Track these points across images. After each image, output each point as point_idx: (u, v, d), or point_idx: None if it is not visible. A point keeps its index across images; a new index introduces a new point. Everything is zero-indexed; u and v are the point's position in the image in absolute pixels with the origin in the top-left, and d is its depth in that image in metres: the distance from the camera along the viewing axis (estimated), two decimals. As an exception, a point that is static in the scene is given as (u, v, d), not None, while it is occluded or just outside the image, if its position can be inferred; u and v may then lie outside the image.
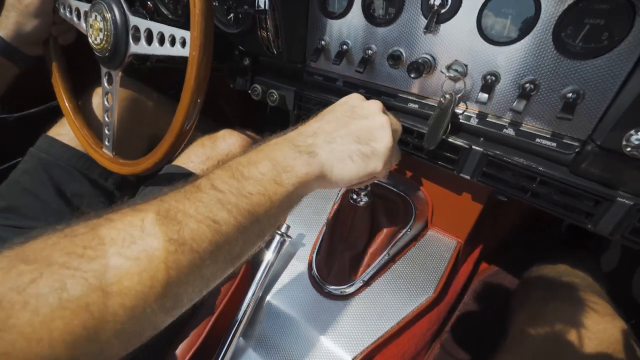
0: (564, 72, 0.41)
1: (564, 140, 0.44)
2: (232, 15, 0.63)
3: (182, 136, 0.48)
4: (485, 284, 0.80)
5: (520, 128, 0.47)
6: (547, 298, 0.54)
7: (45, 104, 0.81)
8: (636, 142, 0.35)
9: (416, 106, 0.54)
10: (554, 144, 0.45)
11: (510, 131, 0.48)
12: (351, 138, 0.38)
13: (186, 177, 0.63)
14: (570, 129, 0.43)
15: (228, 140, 0.66)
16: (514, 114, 0.46)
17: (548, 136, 0.45)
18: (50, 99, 0.81)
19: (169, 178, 0.62)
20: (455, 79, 0.48)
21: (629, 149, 0.35)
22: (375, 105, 0.41)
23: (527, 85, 0.44)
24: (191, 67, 0.42)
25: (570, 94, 0.41)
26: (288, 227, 0.57)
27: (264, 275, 0.54)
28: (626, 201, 0.39)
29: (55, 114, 0.71)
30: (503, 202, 0.65)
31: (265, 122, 1.19)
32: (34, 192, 0.64)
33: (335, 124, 0.39)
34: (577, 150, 0.43)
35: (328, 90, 0.62)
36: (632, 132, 0.35)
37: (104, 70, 0.56)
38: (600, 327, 0.45)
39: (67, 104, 0.65)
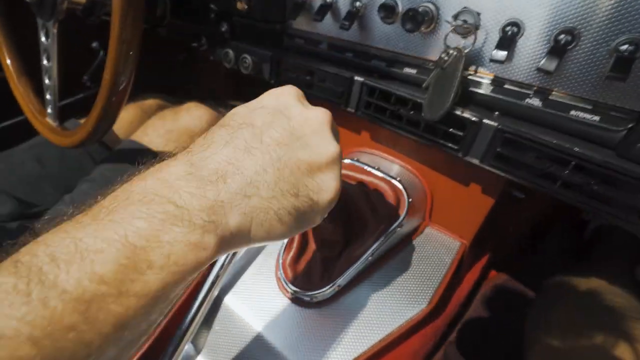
0: (617, 16, 0.29)
1: (612, 113, 0.32)
2: (199, -38, 0.53)
3: (118, 96, 0.39)
4: (493, 295, 0.69)
5: (550, 97, 0.35)
6: (577, 322, 0.42)
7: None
8: None
9: (414, 71, 0.43)
10: (597, 118, 0.33)
11: (535, 101, 0.36)
12: (285, 188, 0.23)
13: (139, 153, 0.55)
14: (621, 96, 0.31)
15: (194, 112, 0.57)
16: (542, 77, 0.35)
17: (589, 107, 0.33)
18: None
19: (121, 154, 0.53)
20: (463, 32, 0.37)
21: None
22: (325, 120, 0.26)
23: (562, 36, 0.32)
24: (116, 10, 0.33)
25: (625, 46, 0.30)
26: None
27: (222, 269, 0.45)
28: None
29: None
30: (520, 199, 0.54)
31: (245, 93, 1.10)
32: None
33: (260, 158, 0.23)
34: (629, 125, 0.31)
35: (311, 55, 0.52)
36: None
37: (39, 22, 0.47)
38: None
39: (10, 67, 0.56)
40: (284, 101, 0.26)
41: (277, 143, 0.24)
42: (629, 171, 0.30)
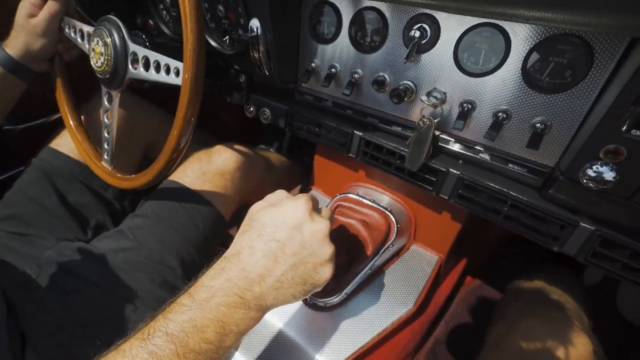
0: (532, 104, 0.44)
1: (534, 167, 0.47)
2: (227, 37, 0.66)
3: (177, 154, 0.51)
4: (469, 297, 0.83)
5: (494, 153, 0.50)
6: (524, 312, 0.56)
7: (47, 116, 0.84)
8: (591, 174, 0.37)
9: (399, 129, 0.57)
10: (525, 170, 0.48)
11: (485, 156, 0.51)
12: (298, 281, 0.37)
13: (181, 192, 0.67)
14: (539, 156, 0.46)
15: (223, 155, 0.69)
16: (489, 140, 0.49)
17: (519, 162, 0.48)
18: (52, 112, 0.85)
19: (166, 192, 0.65)
20: (434, 105, 0.51)
21: (584, 180, 0.38)
22: (325, 231, 0.39)
23: (500, 114, 0.47)
24: (183, 95, 0.45)
25: (539, 124, 0.44)
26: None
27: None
28: (588, 226, 0.42)
29: (57, 126, 0.75)
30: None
31: (262, 132, 1.22)
32: (38, 201, 0.67)
33: (283, 265, 0.36)
34: (545, 176, 0.46)
35: (318, 110, 0.65)
36: (587, 165, 0.38)
37: (104, 89, 0.59)
38: (570, 345, 0.48)
39: (69, 118, 0.68)
40: (299, 217, 0.39)
41: (293, 253, 0.37)
42: (545, 209, 0.45)
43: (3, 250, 0.63)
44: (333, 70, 0.60)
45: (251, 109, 0.71)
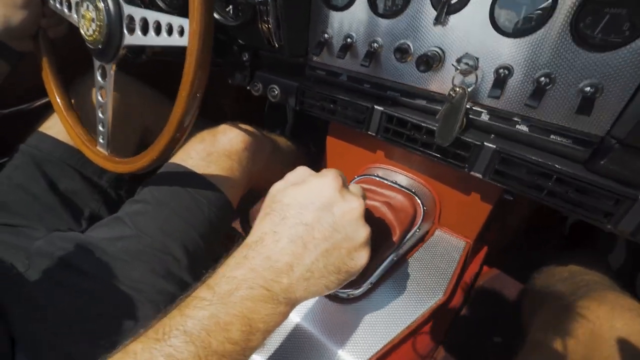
0: (582, 65, 0.39)
1: (580, 137, 0.42)
2: (231, 6, 0.60)
3: (181, 132, 0.45)
4: (489, 286, 0.79)
5: (534, 124, 0.45)
6: (569, 299, 0.51)
7: (36, 100, 0.78)
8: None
9: (424, 102, 0.52)
10: (569, 141, 0.43)
11: (523, 127, 0.46)
12: (331, 269, 0.32)
13: (184, 175, 0.62)
14: (587, 124, 0.41)
15: (229, 134, 0.64)
16: (528, 110, 0.44)
17: (563, 133, 0.43)
18: (42, 95, 0.78)
19: (167, 176, 0.59)
20: (466, 73, 0.46)
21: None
22: (359, 210, 0.34)
23: (542, 79, 0.42)
24: (190, 57, 0.40)
25: (588, 88, 0.39)
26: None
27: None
28: (649, 200, 0.37)
29: (47, 110, 0.69)
30: (509, 202, 0.63)
31: (263, 119, 1.17)
32: (26, 188, 0.61)
33: (313, 251, 0.32)
34: (594, 147, 0.41)
35: (332, 85, 0.60)
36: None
37: (97, 63, 0.53)
38: (631, 323, 0.43)
39: (58, 101, 0.62)
40: (328, 195, 0.34)
41: (324, 238, 0.32)
42: (595, 182, 0.40)
43: None
44: (349, 40, 0.55)
45: (257, 86, 0.66)
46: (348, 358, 0.47)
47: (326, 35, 0.57)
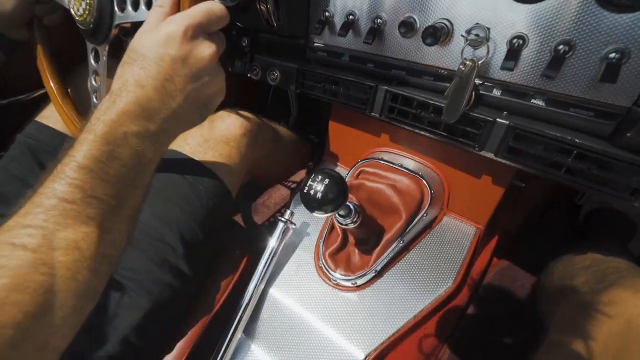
0: (605, 29, 0.36)
1: (604, 109, 0.39)
2: (228, -14, 0.58)
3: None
4: (500, 277, 0.76)
5: (551, 97, 0.42)
6: (597, 287, 0.47)
7: (34, 91, 0.77)
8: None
9: (431, 79, 0.49)
10: (591, 114, 0.40)
11: (539, 101, 0.43)
12: (194, 110, 0.39)
13: (181, 162, 0.60)
14: (611, 95, 0.38)
15: (227, 120, 0.61)
16: (544, 82, 0.41)
17: (584, 105, 0.40)
18: (39, 87, 0.77)
19: (164, 163, 0.57)
20: (476, 44, 0.43)
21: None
22: (208, 53, 0.38)
23: (561, 47, 0.38)
24: None
25: (613, 54, 0.36)
26: (292, 214, 0.52)
27: (266, 265, 0.50)
28: (681, 175, 0.34)
29: (45, 102, 0.68)
30: (520, 189, 0.60)
31: (266, 109, 1.14)
32: (23, 179, 0.60)
33: (177, 98, 0.36)
34: (619, 119, 0.38)
35: (333, 66, 0.58)
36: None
37: (89, 46, 0.52)
38: None
39: (53, 88, 0.60)
40: (178, 47, 0.36)
41: (183, 87, 0.37)
42: (621, 157, 0.37)
43: None
44: (351, 17, 0.52)
45: (257, 70, 0.63)
46: (351, 348, 0.44)
47: (327, 14, 0.54)
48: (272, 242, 0.50)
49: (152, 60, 0.35)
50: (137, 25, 0.53)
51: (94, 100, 0.55)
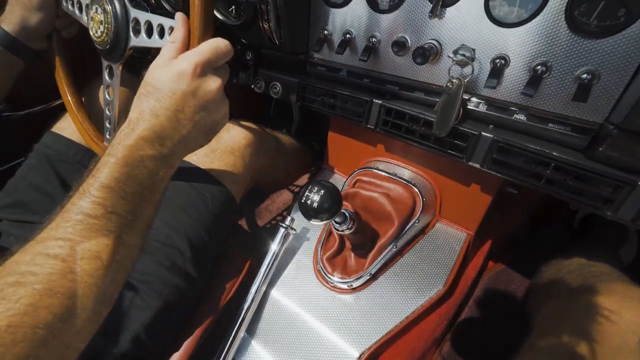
0: (578, 53, 0.39)
1: (579, 124, 0.42)
2: (233, 7, 0.62)
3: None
4: (494, 281, 0.78)
5: (532, 113, 0.45)
6: (577, 290, 0.50)
7: (50, 102, 0.81)
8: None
9: (422, 94, 0.53)
10: (568, 129, 0.43)
11: (521, 116, 0.46)
12: (201, 135, 0.44)
13: (189, 171, 0.63)
14: (585, 111, 0.41)
15: (232, 131, 0.65)
16: (525, 99, 0.44)
17: (561, 121, 0.43)
18: (55, 97, 0.82)
19: (177, 173, 0.61)
20: (462, 64, 0.47)
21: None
22: (215, 87, 0.43)
23: (539, 67, 0.42)
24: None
25: (585, 75, 0.39)
26: (292, 220, 0.55)
27: (268, 268, 0.53)
28: (648, 186, 0.37)
29: (61, 113, 0.72)
30: (512, 195, 0.63)
31: (268, 119, 1.18)
32: (40, 188, 0.64)
33: (187, 126, 0.41)
34: (593, 134, 0.41)
35: (332, 81, 0.61)
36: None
37: (105, 63, 0.56)
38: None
39: (69, 98, 0.64)
40: (187, 82, 0.41)
41: (192, 116, 0.42)
42: (594, 169, 0.40)
43: (6, 238, 0.60)
44: (348, 36, 0.56)
45: (260, 84, 0.67)
46: (346, 347, 0.47)
47: (326, 32, 0.58)
48: (274, 247, 0.54)
49: (165, 94, 0.40)
50: (149, 49, 0.58)
51: (107, 112, 0.59)
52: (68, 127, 0.69)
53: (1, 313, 0.27)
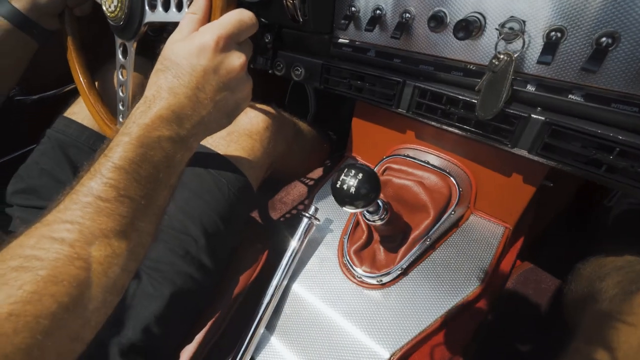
0: (653, 20, 0.34)
1: (649, 104, 0.37)
2: (254, -18, 0.58)
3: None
4: (524, 279, 0.73)
5: (590, 92, 0.40)
6: (628, 286, 0.45)
7: (63, 86, 0.79)
8: None
9: (460, 74, 0.48)
10: (636, 109, 0.38)
11: (577, 97, 0.41)
12: (222, 116, 0.41)
13: (204, 155, 0.60)
14: (658, 89, 0.36)
15: (249, 114, 0.62)
16: (583, 76, 0.39)
17: (628, 100, 0.38)
18: (68, 82, 0.79)
19: (193, 157, 0.58)
20: (510, 38, 0.42)
21: None
22: (239, 64, 0.39)
23: (604, 39, 0.37)
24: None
25: (661, 46, 0.34)
26: (316, 210, 0.52)
27: (290, 261, 0.50)
28: None
29: (73, 96, 0.69)
30: (547, 188, 0.58)
31: (282, 107, 1.15)
32: (52, 173, 0.62)
33: (207, 106, 0.38)
34: (666, 114, 0.36)
35: (359, 62, 0.57)
36: None
37: (118, 41, 0.53)
38: None
39: (81, 80, 0.62)
40: (209, 58, 0.37)
41: (214, 95, 0.38)
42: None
43: (19, 223, 0.58)
44: (378, 12, 0.51)
45: (280, 66, 0.63)
46: (376, 347, 0.44)
47: (353, 9, 0.53)
48: (296, 238, 0.50)
49: (185, 70, 0.37)
50: (166, 24, 0.54)
51: (120, 93, 0.56)
52: (80, 112, 0.66)
53: (2, 300, 0.24)
